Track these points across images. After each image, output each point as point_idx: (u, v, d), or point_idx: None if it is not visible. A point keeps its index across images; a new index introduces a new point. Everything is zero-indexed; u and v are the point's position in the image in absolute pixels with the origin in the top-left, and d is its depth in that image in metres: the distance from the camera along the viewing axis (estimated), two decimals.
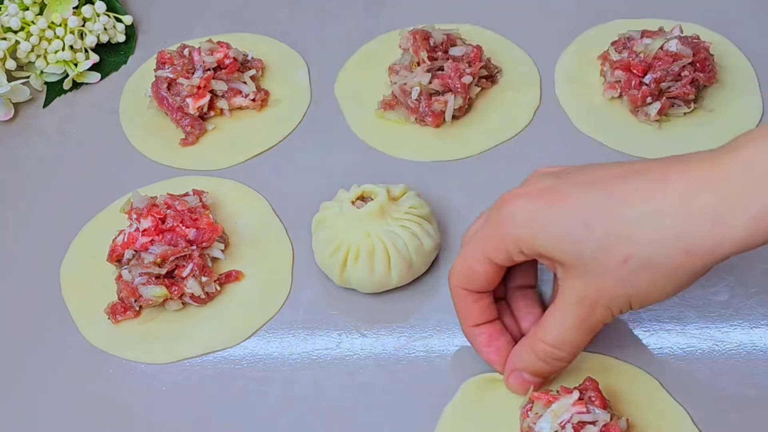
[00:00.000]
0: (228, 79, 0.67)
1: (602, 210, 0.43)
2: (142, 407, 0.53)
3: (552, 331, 0.47)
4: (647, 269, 0.43)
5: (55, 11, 0.71)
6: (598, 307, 0.45)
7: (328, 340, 0.56)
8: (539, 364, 0.48)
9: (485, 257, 0.47)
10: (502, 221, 0.46)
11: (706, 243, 0.41)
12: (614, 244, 0.43)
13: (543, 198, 0.45)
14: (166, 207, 0.57)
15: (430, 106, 0.64)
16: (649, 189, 0.43)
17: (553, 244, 0.44)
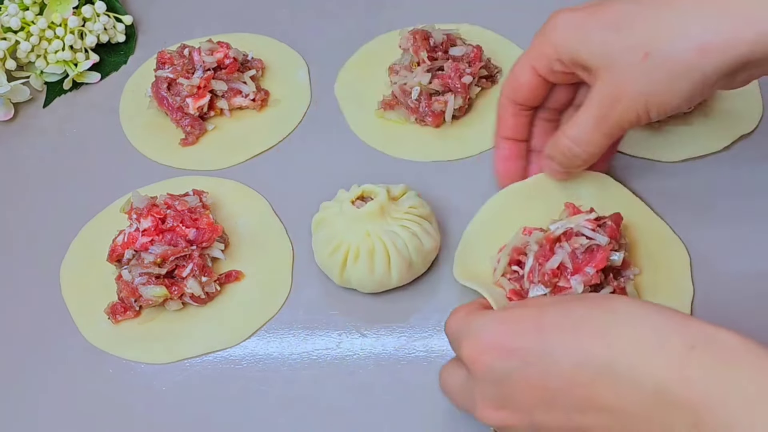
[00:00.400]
0: (228, 79, 0.67)
1: (632, 15, 0.48)
2: (142, 407, 0.53)
3: (573, 127, 0.52)
4: (664, 66, 0.47)
5: (55, 11, 0.71)
6: (618, 107, 0.49)
7: (328, 340, 0.56)
8: (559, 156, 0.54)
9: (530, 66, 0.53)
10: (547, 30, 0.52)
11: (718, 41, 0.45)
12: (637, 44, 0.48)
13: (585, 10, 0.50)
14: (166, 207, 0.57)
15: (430, 106, 0.64)
16: (678, 4, 0.47)
17: (584, 47, 0.50)
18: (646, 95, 0.48)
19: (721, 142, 0.63)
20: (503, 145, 0.57)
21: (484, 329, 0.42)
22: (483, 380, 0.42)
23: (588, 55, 0.50)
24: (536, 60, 0.53)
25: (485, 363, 0.42)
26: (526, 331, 0.41)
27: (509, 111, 0.56)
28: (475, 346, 0.42)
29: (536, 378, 0.40)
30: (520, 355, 0.41)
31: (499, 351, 0.41)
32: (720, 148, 0.63)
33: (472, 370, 0.43)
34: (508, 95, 0.55)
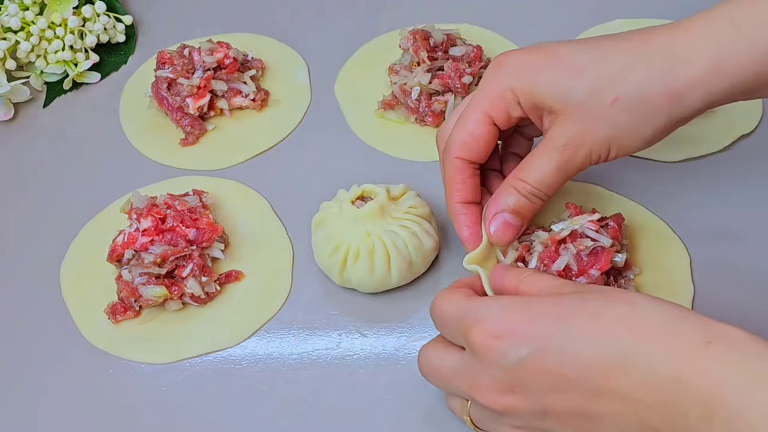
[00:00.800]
0: (228, 79, 0.67)
1: (593, 58, 0.48)
2: (142, 407, 0.53)
3: (534, 171, 0.50)
4: (632, 110, 0.47)
5: (55, 11, 0.71)
6: (581, 152, 0.49)
7: (328, 340, 0.56)
8: (521, 200, 0.50)
9: (485, 116, 0.50)
10: (501, 75, 0.49)
11: (686, 86, 0.46)
12: (604, 88, 0.47)
13: (537, 53, 0.49)
14: (166, 207, 0.57)
15: (430, 106, 0.64)
16: (635, 44, 0.48)
17: (548, 91, 0.48)
18: (611, 139, 0.48)
19: (721, 142, 0.63)
20: (465, 210, 0.52)
21: (496, 314, 0.42)
22: (493, 365, 0.42)
23: (553, 99, 0.48)
24: (493, 108, 0.50)
25: (498, 348, 0.41)
26: (543, 318, 0.41)
27: (466, 173, 0.51)
28: (487, 331, 0.42)
29: (553, 364, 0.40)
30: (538, 341, 0.40)
31: (515, 336, 0.41)
32: (720, 148, 0.63)
33: (480, 355, 0.42)
34: (462, 154, 0.51)
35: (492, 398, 0.42)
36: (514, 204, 0.50)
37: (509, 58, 0.50)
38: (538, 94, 0.49)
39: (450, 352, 0.46)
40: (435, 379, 0.47)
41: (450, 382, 0.46)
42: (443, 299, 0.46)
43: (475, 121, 0.50)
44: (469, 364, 0.43)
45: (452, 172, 0.51)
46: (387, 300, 0.57)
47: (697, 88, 0.46)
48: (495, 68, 0.50)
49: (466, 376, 0.44)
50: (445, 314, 0.46)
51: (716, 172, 0.62)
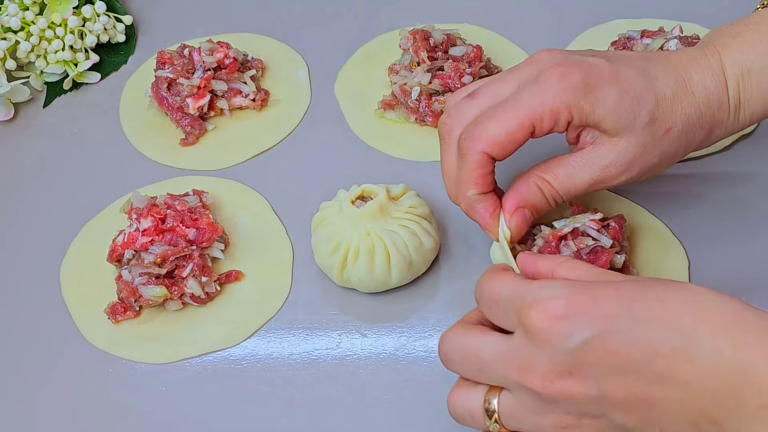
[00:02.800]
0: (228, 79, 0.67)
1: (647, 85, 0.49)
2: (142, 407, 0.53)
3: (564, 180, 0.50)
4: (677, 140, 0.50)
5: (55, 11, 0.71)
6: (621, 176, 0.50)
7: (328, 340, 0.56)
8: (543, 201, 0.51)
9: (530, 124, 0.48)
10: (563, 90, 0.48)
11: (716, 123, 0.51)
12: (660, 117, 0.49)
13: (596, 72, 0.49)
14: (166, 207, 0.57)
15: (430, 106, 0.64)
16: (678, 75, 0.50)
17: (610, 115, 0.48)
18: (654, 166, 0.51)
19: (721, 143, 0.63)
20: (483, 199, 0.51)
21: (559, 294, 0.41)
22: (553, 346, 0.40)
23: (613, 123, 0.48)
24: (542, 119, 0.48)
25: (562, 329, 0.40)
26: (608, 300, 0.40)
27: (488, 168, 0.50)
28: (550, 312, 0.40)
29: (617, 346, 0.39)
30: (603, 322, 0.39)
31: (580, 317, 0.40)
32: (720, 148, 0.63)
33: (538, 336, 0.40)
34: (490, 150, 0.49)
35: (547, 382, 0.40)
36: (536, 202, 0.51)
37: (572, 73, 0.48)
38: (596, 115, 0.48)
39: (490, 335, 0.43)
40: (468, 365, 0.44)
41: (490, 367, 0.43)
42: (494, 278, 0.44)
43: (518, 124, 0.48)
44: (521, 346, 0.41)
45: (476, 165, 0.49)
46: (387, 300, 0.57)
47: (722, 126, 0.52)
48: (557, 78, 0.48)
49: (516, 359, 0.41)
50: (497, 294, 0.43)
51: (716, 172, 0.62)
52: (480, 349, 0.43)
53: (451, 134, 0.51)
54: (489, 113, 0.49)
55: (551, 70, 0.48)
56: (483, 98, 0.51)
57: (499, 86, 0.51)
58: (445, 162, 0.52)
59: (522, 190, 0.51)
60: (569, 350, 0.39)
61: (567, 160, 0.50)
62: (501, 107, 0.49)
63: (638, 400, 0.39)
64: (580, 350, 0.39)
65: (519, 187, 0.51)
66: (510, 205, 0.50)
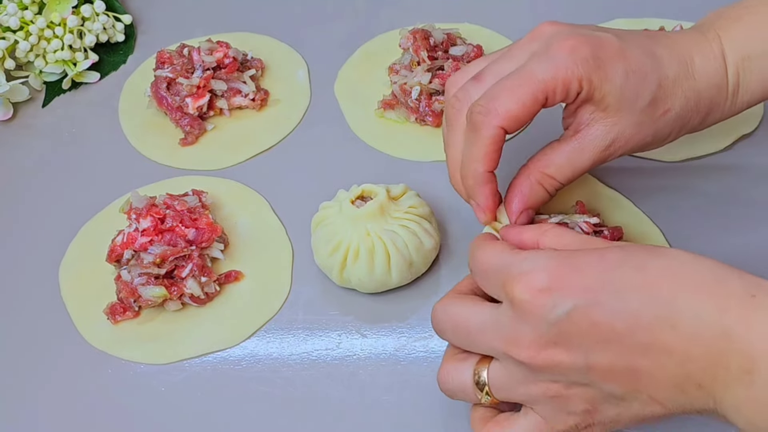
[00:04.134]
0: (228, 78, 0.67)
1: (653, 66, 0.49)
2: (141, 407, 0.53)
3: (567, 168, 0.50)
4: (674, 122, 0.50)
5: (54, 11, 0.71)
6: (617, 153, 0.50)
7: (328, 340, 0.55)
8: (547, 197, 0.51)
9: (543, 95, 0.47)
10: (576, 62, 0.47)
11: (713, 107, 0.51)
12: (662, 98, 0.49)
13: (606, 47, 0.48)
14: (165, 207, 0.57)
15: (430, 105, 0.64)
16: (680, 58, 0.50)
17: (616, 90, 0.48)
18: (647, 144, 0.51)
19: (721, 142, 0.63)
20: (489, 179, 0.50)
21: (541, 267, 0.41)
22: (537, 318, 0.40)
23: (616, 99, 0.48)
24: (554, 91, 0.48)
25: (544, 302, 0.40)
26: (590, 270, 0.40)
27: (501, 143, 0.49)
28: (533, 285, 0.41)
29: (601, 316, 0.39)
30: (585, 294, 0.40)
31: (562, 290, 0.40)
32: (720, 148, 0.63)
33: (523, 308, 0.41)
34: (506, 124, 0.48)
35: (533, 352, 0.41)
36: (540, 200, 0.51)
37: (583, 46, 0.48)
38: (602, 89, 0.48)
39: (479, 305, 0.44)
40: (458, 335, 0.45)
41: (478, 337, 0.43)
42: (484, 248, 0.45)
43: (532, 96, 0.47)
44: (507, 317, 0.42)
45: (491, 140, 0.48)
46: (387, 300, 0.57)
47: (718, 109, 0.52)
48: (568, 51, 0.48)
49: (502, 330, 0.42)
50: (486, 264, 0.44)
51: (716, 172, 0.62)
52: (469, 319, 0.44)
53: (459, 117, 0.51)
54: (501, 86, 0.48)
55: (562, 43, 0.48)
56: (487, 77, 0.50)
57: (504, 65, 0.50)
58: (451, 144, 0.51)
59: (526, 192, 0.50)
60: (553, 322, 0.40)
61: (565, 147, 0.50)
62: (513, 80, 0.48)
63: (624, 369, 0.39)
64: (564, 322, 0.40)
65: (522, 187, 0.50)
66: (516, 208, 0.50)
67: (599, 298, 0.39)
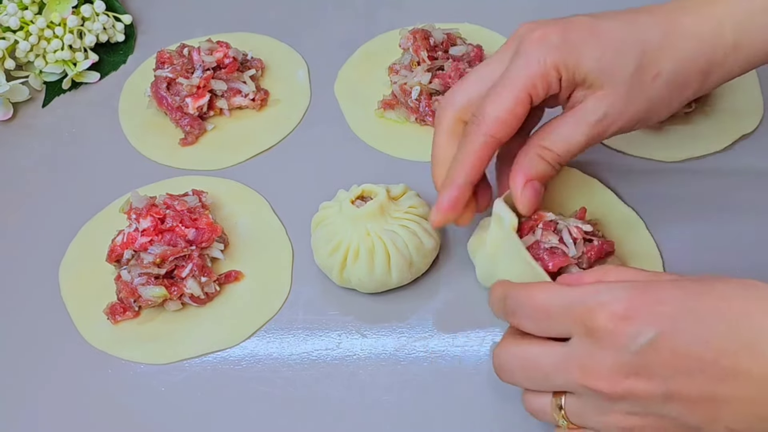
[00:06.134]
0: (228, 78, 0.67)
1: (632, 34, 0.49)
2: (141, 407, 0.53)
3: (562, 142, 0.50)
4: (669, 85, 0.49)
5: (54, 11, 0.71)
6: (613, 126, 0.50)
7: (328, 340, 0.55)
8: (548, 169, 0.50)
9: (526, 95, 0.49)
10: (545, 52, 0.48)
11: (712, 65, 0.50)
12: (648, 63, 0.48)
13: (575, 29, 0.49)
14: (165, 207, 0.57)
15: (430, 105, 0.64)
16: (666, 23, 0.49)
17: (594, 66, 0.48)
18: (645, 112, 0.50)
19: (721, 142, 0.63)
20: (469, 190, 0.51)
21: (621, 297, 0.40)
22: (618, 348, 0.40)
23: (595, 73, 0.48)
24: (535, 86, 0.49)
25: (627, 330, 0.40)
26: (671, 299, 0.40)
27: (491, 152, 0.50)
28: (614, 314, 0.40)
29: (683, 345, 0.39)
30: (668, 321, 0.39)
31: (645, 318, 0.40)
32: (720, 148, 0.63)
33: (603, 339, 0.40)
34: (495, 132, 0.49)
35: (613, 383, 0.40)
36: (541, 172, 0.50)
37: (551, 34, 0.49)
38: (582, 69, 0.48)
39: (547, 344, 0.43)
40: (530, 377, 0.44)
41: (552, 374, 0.43)
42: (536, 291, 0.44)
43: (515, 98, 0.49)
44: (583, 350, 0.41)
45: (479, 147, 0.49)
46: (387, 300, 0.57)
47: (720, 68, 0.50)
48: (537, 43, 0.49)
49: (579, 363, 0.42)
50: (546, 303, 0.43)
51: (716, 172, 0.62)
52: (540, 358, 0.43)
53: (443, 116, 0.53)
54: (485, 96, 0.50)
55: (530, 37, 0.49)
56: (471, 80, 0.52)
57: (485, 67, 0.52)
58: (436, 144, 0.53)
59: (525, 163, 0.51)
60: (635, 351, 0.40)
61: (559, 122, 0.50)
62: (496, 89, 0.49)
63: (705, 399, 0.39)
64: (646, 350, 0.39)
65: (522, 161, 0.51)
66: (519, 180, 0.50)
67: (682, 326, 0.39)
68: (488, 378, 0.52)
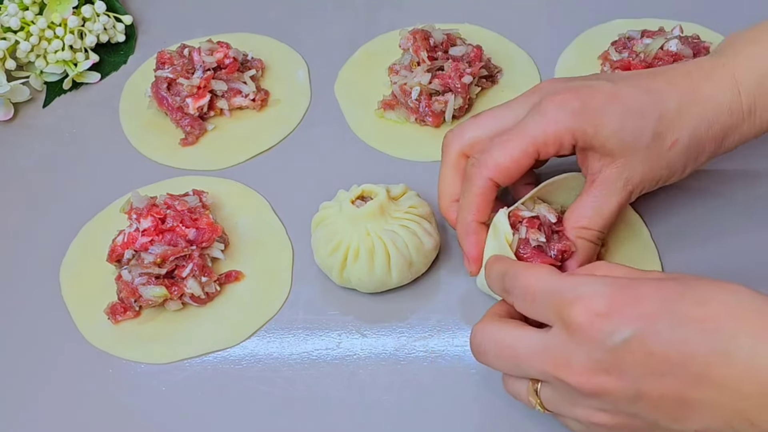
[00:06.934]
0: (228, 79, 0.67)
1: (651, 101, 0.49)
2: (142, 407, 0.53)
3: (597, 217, 0.51)
4: (685, 152, 0.50)
5: (55, 11, 0.71)
6: (636, 191, 0.51)
7: (328, 340, 0.55)
8: (592, 247, 0.52)
9: (534, 150, 0.50)
10: (564, 116, 0.49)
11: (728, 130, 0.51)
12: (665, 131, 0.49)
13: (597, 94, 0.49)
14: (166, 207, 0.57)
15: (430, 106, 0.64)
16: (684, 88, 0.50)
17: (612, 135, 0.49)
18: (664, 177, 0.51)
19: None
20: (479, 229, 0.52)
21: (600, 292, 0.41)
22: (593, 344, 0.40)
23: (616, 143, 0.49)
24: (545, 145, 0.50)
25: (602, 327, 0.40)
26: (650, 300, 0.40)
27: (492, 195, 0.52)
28: (590, 309, 0.40)
29: (657, 346, 0.39)
30: (643, 322, 0.39)
31: (621, 316, 0.40)
32: None
33: (578, 333, 0.40)
34: (495, 177, 0.51)
35: (584, 378, 0.41)
36: (591, 251, 0.52)
37: (572, 100, 0.49)
38: (599, 138, 0.49)
39: (525, 329, 0.44)
40: (503, 359, 0.45)
41: (527, 362, 0.43)
42: (529, 271, 0.44)
43: (522, 151, 0.50)
44: (559, 341, 0.42)
45: (480, 191, 0.51)
46: (387, 300, 0.57)
47: (736, 132, 0.51)
48: (557, 105, 0.49)
49: (553, 354, 0.42)
50: (533, 287, 0.44)
51: (716, 172, 0.62)
52: (516, 344, 0.44)
53: (449, 149, 0.55)
54: (495, 142, 0.51)
55: (551, 98, 0.50)
56: (485, 119, 0.53)
57: (501, 111, 0.53)
58: (442, 176, 0.55)
59: (579, 253, 0.52)
60: (609, 348, 0.40)
61: (588, 198, 0.51)
62: (506, 136, 0.51)
63: (674, 401, 0.39)
64: (620, 349, 0.40)
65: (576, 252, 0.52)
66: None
67: (658, 327, 0.39)
68: (488, 378, 0.52)
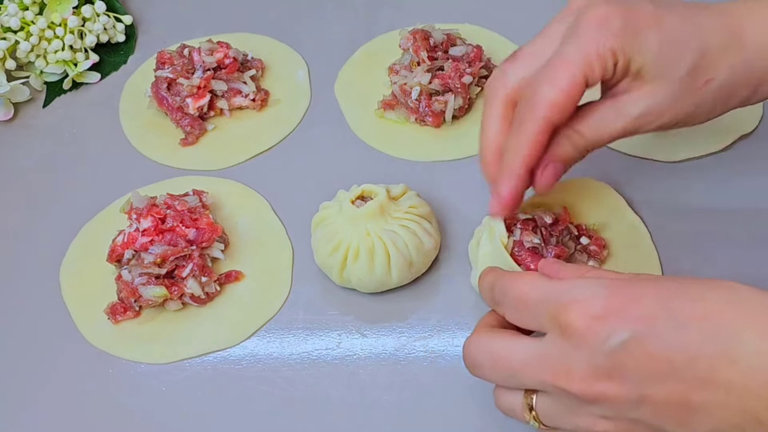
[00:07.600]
0: (228, 79, 0.67)
1: (694, 34, 0.46)
2: (142, 407, 0.53)
3: (595, 129, 0.48)
4: (717, 93, 0.47)
5: (55, 11, 0.71)
6: (651, 124, 0.47)
7: (328, 340, 0.55)
8: (572, 153, 0.48)
9: (582, 76, 0.45)
10: (606, 34, 0.45)
11: (764, 79, 0.48)
12: (703, 67, 0.46)
13: (640, 14, 0.46)
14: (166, 207, 0.57)
15: (430, 106, 0.64)
16: (730, 28, 0.47)
17: (651, 59, 0.46)
18: (686, 116, 0.48)
19: (721, 142, 0.63)
20: (525, 178, 0.48)
21: (596, 294, 0.39)
22: (591, 348, 0.39)
23: (654, 67, 0.46)
24: (591, 68, 0.45)
25: (600, 330, 0.38)
26: (647, 300, 0.38)
27: (548, 136, 0.47)
28: (587, 312, 0.39)
29: (658, 347, 0.37)
30: (642, 323, 0.38)
31: (619, 318, 0.38)
32: (720, 148, 0.63)
33: (575, 337, 0.39)
34: (551, 115, 0.46)
35: (585, 385, 0.39)
36: (567, 155, 0.48)
37: (613, 17, 0.45)
38: (638, 60, 0.46)
39: (519, 339, 0.42)
40: (499, 371, 0.43)
41: (522, 372, 0.41)
42: (519, 279, 0.43)
43: (570, 80, 0.45)
44: (556, 348, 0.40)
45: (536, 134, 0.46)
46: (387, 300, 0.57)
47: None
48: (597, 24, 0.45)
49: (551, 362, 0.40)
50: (526, 294, 0.42)
51: (716, 172, 0.62)
52: (511, 355, 0.42)
53: (494, 98, 0.49)
54: (540, 77, 0.46)
55: (591, 15, 0.46)
56: (523, 57, 0.49)
57: (538, 43, 0.49)
58: (485, 129, 0.50)
59: (554, 147, 0.48)
60: (607, 352, 0.38)
61: (598, 108, 0.48)
62: (548, 68, 0.46)
63: (679, 404, 0.38)
64: (619, 352, 0.38)
65: (552, 144, 0.48)
66: (544, 161, 0.48)
67: (657, 328, 0.38)
68: None
